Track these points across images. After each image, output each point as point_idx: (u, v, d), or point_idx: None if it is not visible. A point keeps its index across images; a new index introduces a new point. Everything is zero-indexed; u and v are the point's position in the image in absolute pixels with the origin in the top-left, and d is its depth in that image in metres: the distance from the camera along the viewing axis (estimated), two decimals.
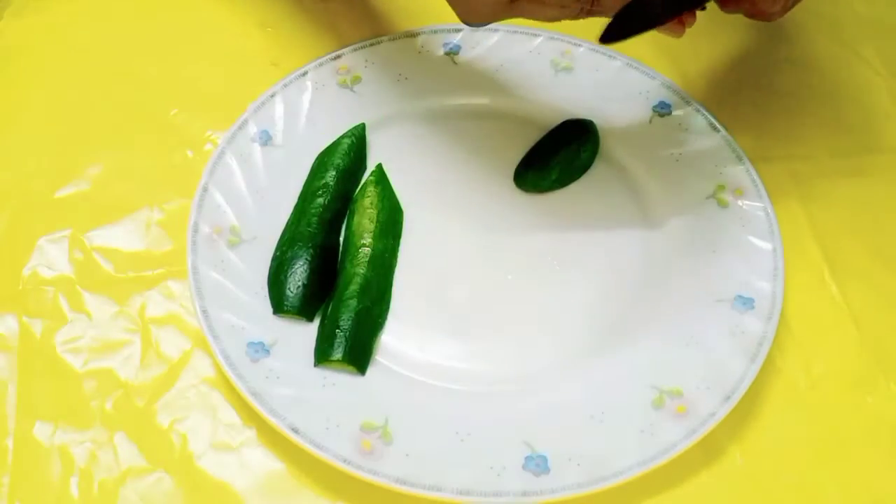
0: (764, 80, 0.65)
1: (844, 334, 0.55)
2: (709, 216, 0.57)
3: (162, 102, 0.62)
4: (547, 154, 0.59)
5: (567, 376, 0.53)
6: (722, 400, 0.50)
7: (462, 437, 0.50)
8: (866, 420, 0.53)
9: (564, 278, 0.56)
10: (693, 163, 0.59)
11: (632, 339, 0.54)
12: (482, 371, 0.53)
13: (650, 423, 0.50)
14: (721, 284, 0.55)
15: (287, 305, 0.53)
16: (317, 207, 0.56)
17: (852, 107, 0.64)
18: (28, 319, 0.54)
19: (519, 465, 0.49)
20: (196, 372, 0.53)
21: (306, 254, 0.55)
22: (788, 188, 0.60)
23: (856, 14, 0.69)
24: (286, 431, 0.49)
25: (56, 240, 0.57)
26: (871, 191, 0.61)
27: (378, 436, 0.50)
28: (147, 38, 0.66)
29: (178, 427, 0.51)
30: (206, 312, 0.52)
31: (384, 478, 0.48)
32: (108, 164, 0.60)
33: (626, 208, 0.59)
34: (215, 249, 0.55)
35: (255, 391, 0.50)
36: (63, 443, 0.50)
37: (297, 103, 0.61)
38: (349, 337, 0.52)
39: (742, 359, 0.52)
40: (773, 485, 0.51)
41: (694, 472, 0.50)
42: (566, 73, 0.63)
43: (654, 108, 0.61)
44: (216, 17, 0.67)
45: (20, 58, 0.65)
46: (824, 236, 0.58)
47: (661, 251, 0.57)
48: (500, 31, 0.64)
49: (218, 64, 0.64)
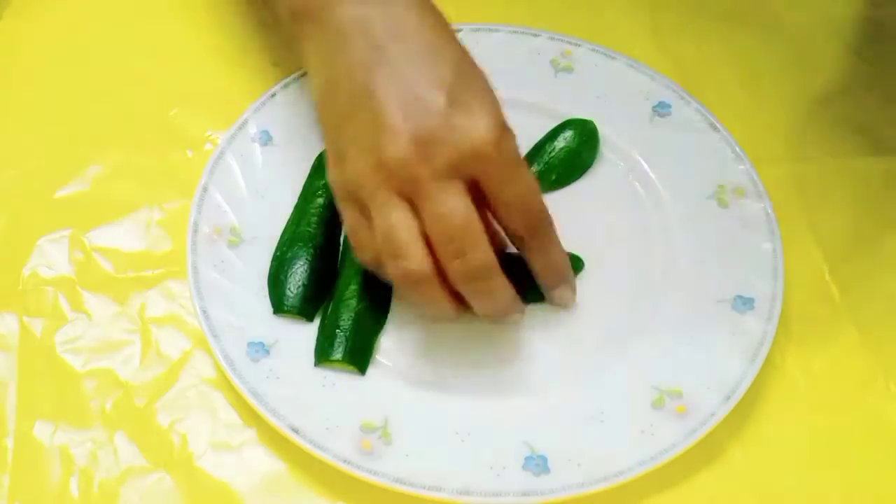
0: (764, 80, 0.65)
1: (844, 334, 0.55)
2: (709, 216, 0.57)
3: (162, 102, 0.62)
4: (547, 154, 0.59)
5: (567, 376, 0.53)
6: (722, 400, 0.50)
7: (462, 437, 0.50)
8: (866, 420, 0.53)
9: None
10: (693, 163, 0.59)
11: (632, 339, 0.54)
12: (482, 371, 0.53)
13: (650, 423, 0.50)
14: (721, 284, 0.55)
15: (287, 305, 0.53)
16: (317, 207, 0.56)
17: (852, 107, 0.64)
18: (28, 319, 0.54)
19: (519, 465, 0.49)
20: (196, 372, 0.53)
21: (306, 254, 0.55)
22: (788, 188, 0.60)
23: (856, 14, 0.69)
24: (286, 431, 0.49)
25: (56, 240, 0.57)
26: (871, 191, 0.61)
27: (378, 436, 0.50)
28: (147, 38, 0.66)
29: (178, 427, 0.51)
30: (206, 312, 0.52)
31: (384, 478, 0.48)
32: (108, 164, 0.60)
33: (626, 208, 0.59)
34: (215, 249, 0.55)
35: (255, 391, 0.50)
36: (63, 443, 0.50)
37: (297, 103, 0.60)
38: (349, 337, 0.52)
39: (742, 359, 0.52)
40: (773, 485, 0.51)
41: (694, 472, 0.50)
42: (566, 73, 0.63)
43: (654, 108, 0.61)
44: (216, 17, 0.66)
45: (20, 58, 0.65)
46: (824, 236, 0.58)
47: (661, 251, 0.57)
48: (500, 31, 0.64)
49: (218, 64, 0.64)
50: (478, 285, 0.48)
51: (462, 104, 0.48)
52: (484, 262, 0.47)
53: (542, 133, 0.61)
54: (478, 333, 0.54)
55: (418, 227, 0.47)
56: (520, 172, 0.50)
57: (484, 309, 0.50)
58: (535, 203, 0.50)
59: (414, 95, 0.48)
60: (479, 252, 0.47)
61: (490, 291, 0.49)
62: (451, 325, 0.54)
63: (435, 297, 0.49)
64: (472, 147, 0.47)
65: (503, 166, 0.48)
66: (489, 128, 0.48)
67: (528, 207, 0.50)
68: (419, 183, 0.47)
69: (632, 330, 0.54)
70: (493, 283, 0.48)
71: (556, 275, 0.53)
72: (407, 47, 0.49)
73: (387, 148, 0.47)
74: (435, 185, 0.47)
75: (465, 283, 0.48)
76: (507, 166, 0.49)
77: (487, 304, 0.50)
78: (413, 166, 0.47)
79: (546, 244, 0.52)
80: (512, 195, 0.49)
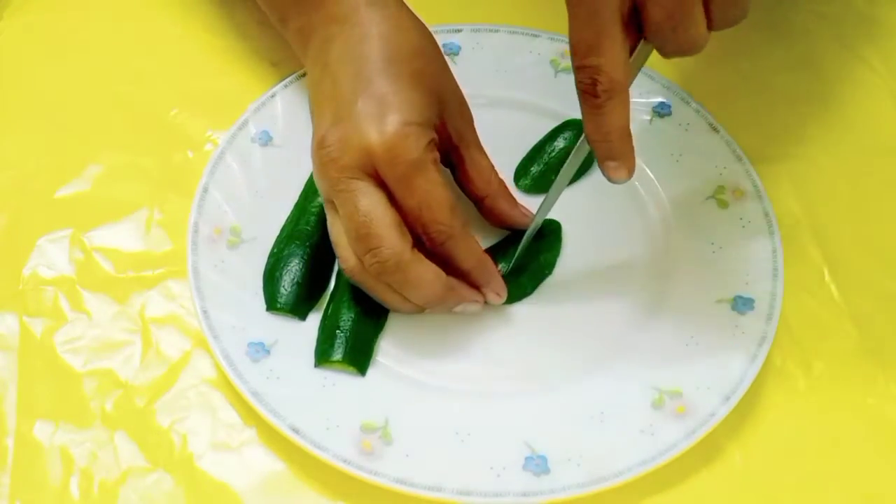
0: (764, 80, 0.65)
1: (844, 334, 0.55)
2: (709, 217, 0.57)
3: (162, 102, 0.62)
4: (547, 154, 0.60)
5: (567, 376, 0.53)
6: (722, 400, 0.50)
7: (462, 438, 0.50)
8: (866, 420, 0.53)
9: (563, 278, 0.56)
10: (693, 163, 0.59)
11: (632, 339, 0.54)
12: (482, 371, 0.53)
13: (650, 424, 0.50)
14: (721, 285, 0.55)
15: (280, 303, 0.53)
16: (316, 206, 0.56)
17: (852, 107, 0.64)
18: (28, 319, 0.54)
19: (519, 466, 0.49)
20: (196, 372, 0.53)
21: (302, 252, 0.55)
22: (788, 189, 0.60)
23: (856, 14, 0.69)
24: (286, 431, 0.49)
25: (56, 240, 0.57)
26: (871, 191, 0.61)
27: (378, 436, 0.50)
28: (147, 38, 0.66)
29: (178, 427, 0.51)
30: (206, 312, 0.52)
31: (384, 478, 0.48)
32: (108, 164, 0.60)
33: (626, 209, 0.59)
34: (215, 250, 0.55)
35: (255, 391, 0.50)
36: (63, 443, 0.50)
37: (297, 103, 0.61)
38: (349, 338, 0.52)
39: (742, 359, 0.52)
40: (773, 485, 0.51)
41: (694, 472, 0.50)
42: (566, 74, 0.63)
43: (654, 108, 0.61)
44: (216, 17, 0.66)
45: (20, 58, 0.65)
46: (824, 237, 0.58)
47: (661, 251, 0.57)
48: (500, 31, 0.64)
49: (218, 64, 0.64)
50: (394, 277, 0.50)
51: (370, 107, 0.50)
52: (390, 256, 0.49)
53: (542, 133, 0.61)
54: (478, 334, 0.54)
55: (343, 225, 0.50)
56: (417, 182, 0.49)
57: (413, 298, 0.51)
58: (427, 216, 0.50)
59: (338, 103, 0.52)
60: (383, 247, 0.48)
61: (407, 282, 0.50)
62: (451, 325, 0.54)
63: (375, 291, 0.51)
64: (363, 146, 0.49)
65: (396, 172, 0.49)
66: (383, 130, 0.49)
67: (420, 219, 0.50)
68: (331, 186, 0.50)
69: (632, 329, 0.54)
70: (406, 274, 0.49)
71: (471, 279, 0.52)
72: (346, 60, 0.53)
73: (315, 153, 0.52)
74: (342, 186, 0.50)
75: (380, 276, 0.50)
76: (400, 173, 0.49)
77: (411, 293, 0.51)
78: (326, 168, 0.50)
79: (445, 253, 0.51)
80: (406, 204, 0.50)
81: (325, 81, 0.54)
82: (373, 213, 0.49)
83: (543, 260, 0.56)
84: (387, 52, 0.52)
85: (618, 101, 0.47)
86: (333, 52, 0.54)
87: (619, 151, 0.49)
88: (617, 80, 0.46)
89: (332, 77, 0.53)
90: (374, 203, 0.49)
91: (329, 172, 0.50)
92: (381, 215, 0.49)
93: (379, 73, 0.51)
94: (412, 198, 0.49)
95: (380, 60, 0.52)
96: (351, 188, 0.49)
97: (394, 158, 0.49)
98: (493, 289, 0.53)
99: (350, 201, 0.49)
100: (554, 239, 0.57)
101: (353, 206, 0.49)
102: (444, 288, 0.51)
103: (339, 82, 0.52)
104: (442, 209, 0.50)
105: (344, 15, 0.54)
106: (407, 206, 0.50)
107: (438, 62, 0.54)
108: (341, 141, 0.50)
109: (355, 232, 0.49)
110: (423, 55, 0.53)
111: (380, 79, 0.51)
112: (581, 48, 0.46)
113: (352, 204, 0.49)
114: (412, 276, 0.50)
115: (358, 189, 0.49)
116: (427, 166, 0.50)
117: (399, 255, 0.49)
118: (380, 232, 0.49)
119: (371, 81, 0.51)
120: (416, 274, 0.50)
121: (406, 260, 0.49)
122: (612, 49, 0.45)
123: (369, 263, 0.49)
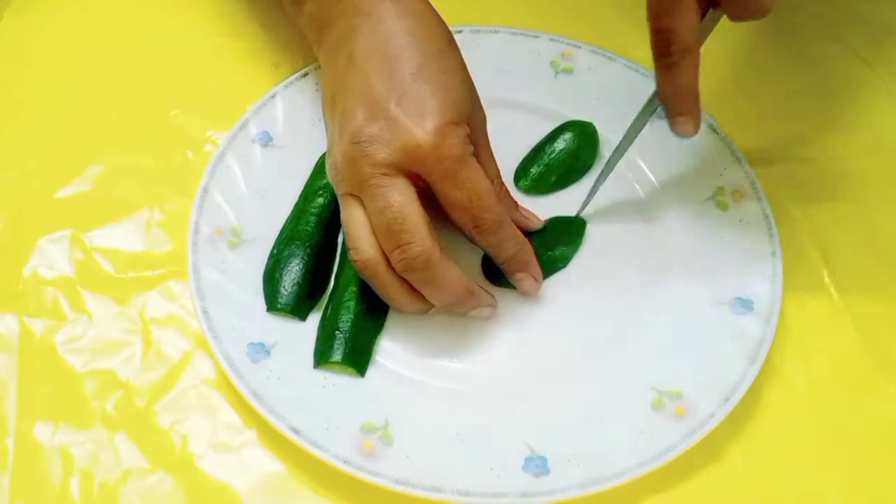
0: (764, 81, 0.65)
1: (844, 336, 0.55)
2: (708, 218, 0.57)
3: (162, 102, 0.62)
4: (547, 155, 0.60)
5: (567, 377, 0.53)
6: (721, 401, 0.51)
7: (462, 438, 0.50)
8: (866, 421, 0.53)
9: (564, 279, 0.56)
10: (692, 165, 0.59)
11: (631, 340, 0.54)
12: (482, 371, 0.53)
13: (650, 425, 0.50)
14: (720, 286, 0.55)
15: (280, 303, 0.53)
16: (316, 207, 0.56)
17: (852, 107, 0.64)
18: (28, 319, 0.54)
19: (519, 466, 0.49)
20: (196, 372, 0.53)
21: (302, 252, 0.55)
22: (788, 190, 0.60)
23: (856, 14, 0.69)
24: (287, 432, 0.49)
25: (56, 240, 0.57)
26: (871, 192, 0.61)
27: (378, 437, 0.50)
28: (147, 38, 0.66)
29: (178, 427, 0.51)
30: (206, 313, 0.52)
31: (384, 479, 0.48)
32: (108, 164, 0.60)
33: (626, 210, 0.59)
34: (216, 250, 0.55)
35: (255, 392, 0.50)
36: (63, 443, 0.50)
37: (297, 104, 0.61)
38: (349, 338, 0.52)
39: (741, 360, 0.52)
40: (772, 486, 0.51)
41: (694, 473, 0.51)
42: (566, 75, 0.63)
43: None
44: (216, 17, 0.66)
45: (20, 58, 0.65)
46: (823, 239, 0.58)
47: (660, 253, 0.57)
48: (500, 32, 0.64)
49: (218, 64, 0.64)
50: (419, 275, 0.50)
51: (410, 107, 0.51)
52: (420, 253, 0.49)
53: (542, 134, 0.61)
54: (478, 334, 0.54)
55: (368, 221, 0.51)
56: (463, 175, 0.50)
57: (433, 298, 0.52)
58: (477, 207, 0.51)
59: (371, 100, 0.52)
60: (414, 244, 0.49)
61: (432, 281, 0.50)
62: (451, 325, 0.54)
63: (387, 287, 0.51)
64: (405, 146, 0.50)
65: (442, 168, 0.50)
66: (427, 129, 0.50)
67: (470, 210, 0.51)
68: (362, 180, 0.50)
69: (631, 331, 0.54)
70: (433, 273, 0.50)
71: (513, 264, 0.54)
72: (375, 55, 0.53)
73: (336, 150, 0.52)
74: (375, 181, 0.50)
75: (406, 273, 0.50)
76: (446, 168, 0.50)
77: (433, 293, 0.51)
78: (358, 163, 0.50)
79: (494, 241, 0.52)
80: (455, 197, 0.51)
81: (351, 74, 0.54)
82: (406, 209, 0.50)
83: (559, 253, 0.57)
84: (417, 52, 0.53)
85: (688, 61, 0.50)
86: (359, 45, 0.54)
87: (687, 107, 0.52)
88: (688, 42, 0.50)
89: (361, 72, 0.53)
90: (408, 200, 0.50)
91: (362, 167, 0.50)
92: (415, 212, 0.50)
93: (414, 76, 0.52)
94: (461, 190, 0.50)
95: (412, 60, 0.52)
96: (384, 184, 0.50)
97: (440, 156, 0.50)
98: (532, 273, 0.54)
99: (382, 196, 0.50)
100: (576, 234, 0.57)
101: (386, 202, 0.50)
102: (465, 290, 0.52)
103: (370, 78, 0.52)
104: (490, 198, 0.51)
105: (368, 7, 0.55)
106: (455, 200, 0.51)
107: (460, 58, 0.55)
108: (378, 138, 0.50)
109: (386, 227, 0.50)
110: (450, 52, 0.54)
111: (416, 82, 0.52)
112: (657, 11, 0.50)
113: (384, 199, 0.50)
114: (439, 275, 0.50)
115: (392, 185, 0.50)
116: (470, 159, 0.51)
117: (429, 253, 0.49)
118: (412, 229, 0.49)
119: (406, 82, 0.51)
120: (443, 274, 0.50)
121: (436, 258, 0.50)
122: (684, 14, 0.49)
123: (397, 259, 0.50)
